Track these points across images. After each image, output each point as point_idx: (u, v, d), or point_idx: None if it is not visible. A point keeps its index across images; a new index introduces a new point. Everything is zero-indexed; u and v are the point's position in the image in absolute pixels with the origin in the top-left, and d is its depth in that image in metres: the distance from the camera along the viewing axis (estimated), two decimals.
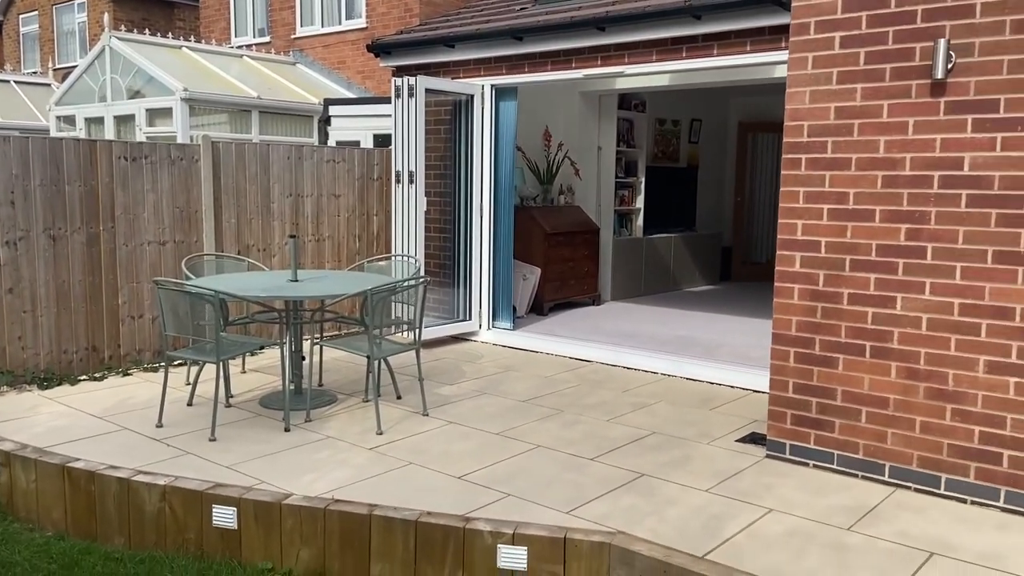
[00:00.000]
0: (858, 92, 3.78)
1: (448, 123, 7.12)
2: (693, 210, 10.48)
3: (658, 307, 8.62)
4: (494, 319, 7.14)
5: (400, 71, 7.31)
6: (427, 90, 6.59)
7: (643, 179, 9.48)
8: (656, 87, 7.79)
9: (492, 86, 6.85)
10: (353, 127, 9.94)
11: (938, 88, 3.56)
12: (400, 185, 6.59)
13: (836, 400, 3.94)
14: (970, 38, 3.46)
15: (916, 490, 3.73)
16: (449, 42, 6.81)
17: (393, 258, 6.29)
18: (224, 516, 3.64)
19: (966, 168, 3.51)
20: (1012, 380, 3.44)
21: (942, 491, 3.66)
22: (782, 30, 5.12)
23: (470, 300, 7.09)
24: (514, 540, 3.30)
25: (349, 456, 4.16)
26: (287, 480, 3.83)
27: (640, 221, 9.52)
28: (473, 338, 7.08)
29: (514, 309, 7.25)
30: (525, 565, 3.29)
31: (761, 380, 5.41)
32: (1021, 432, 3.44)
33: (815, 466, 4.03)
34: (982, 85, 3.45)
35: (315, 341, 5.18)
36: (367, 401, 5.15)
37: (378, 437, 4.46)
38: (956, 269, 3.56)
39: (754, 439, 4.46)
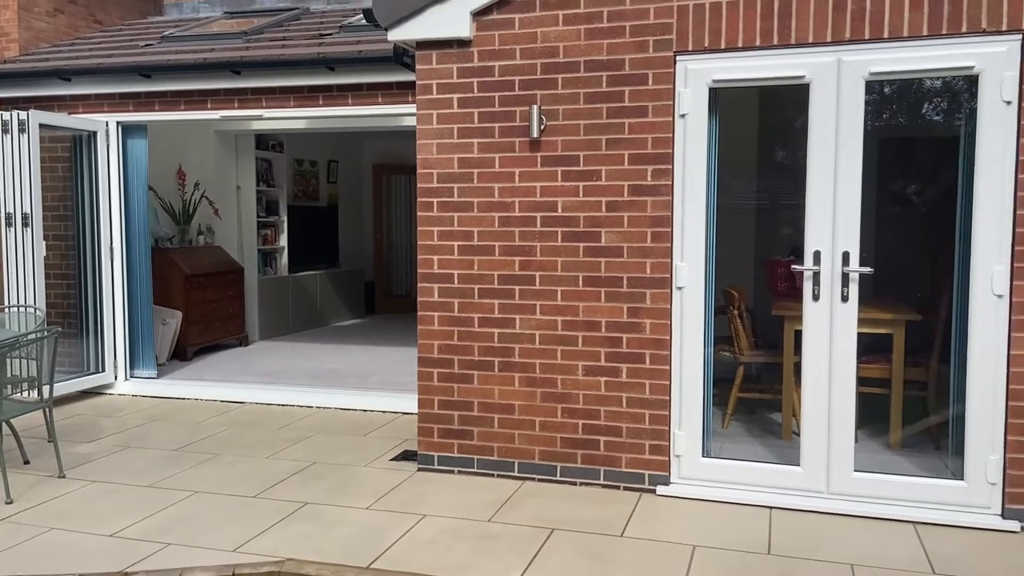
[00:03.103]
0: (475, 146, 4.43)
1: (68, 161, 6.58)
2: (336, 247, 10.83)
3: (308, 343, 8.78)
4: (133, 368, 6.72)
5: (4, 103, 6.59)
6: (41, 125, 6.05)
7: (285, 218, 9.60)
8: (294, 129, 8.00)
9: (118, 123, 6.50)
10: None
11: (535, 145, 4.33)
12: (11, 229, 5.95)
13: (474, 411, 4.52)
14: (556, 105, 4.29)
15: (540, 480, 4.43)
16: (65, 75, 6.33)
17: (7, 309, 5.65)
18: None
19: (560, 210, 4.32)
20: (602, 379, 4.30)
21: (559, 477, 4.40)
22: (409, 85, 5.71)
23: (103, 350, 6.59)
24: None
25: None
26: None
27: (285, 259, 9.61)
28: (110, 391, 6.58)
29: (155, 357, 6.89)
30: None
31: (410, 403, 5.90)
32: (611, 421, 4.30)
33: (460, 472, 4.56)
34: (567, 144, 4.29)
35: None
36: None
37: (9, 506, 4.03)
38: (558, 292, 4.34)
39: (406, 456, 4.88)
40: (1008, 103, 3.64)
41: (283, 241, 9.60)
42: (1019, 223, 3.66)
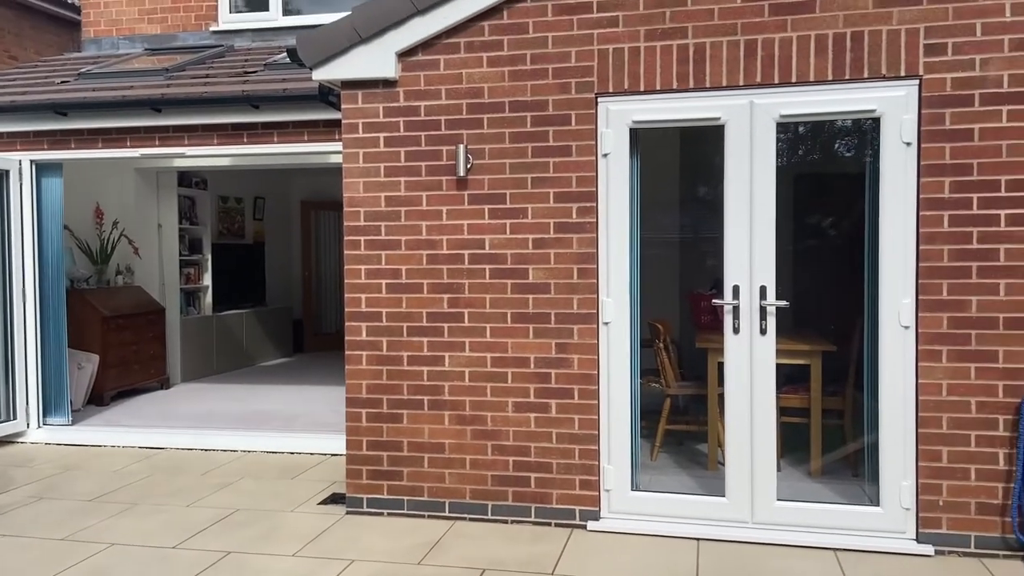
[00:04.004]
0: (402, 184, 4.44)
1: None
2: (263, 285, 10.63)
3: (233, 384, 8.55)
4: (46, 416, 6.42)
5: None
6: None
7: (209, 256, 9.38)
8: (218, 167, 7.87)
9: (32, 161, 6.29)
10: None
11: (462, 183, 4.36)
12: None
13: (404, 451, 4.46)
14: (482, 145, 4.34)
15: (471, 519, 4.40)
16: None
17: None
18: None
19: (487, 247, 4.35)
20: (532, 415, 4.31)
21: (490, 516, 4.38)
22: (335, 123, 5.70)
23: (14, 397, 6.28)
24: None
25: None
26: None
27: (209, 299, 9.37)
28: (20, 440, 6.27)
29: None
30: None
31: (339, 444, 5.79)
32: (542, 457, 4.31)
33: (390, 514, 4.49)
34: (493, 182, 4.34)
35: None
36: None
37: None
38: (487, 329, 4.35)
39: (335, 499, 4.78)
40: (908, 144, 3.85)
41: (207, 280, 9.37)
42: (922, 258, 3.85)
